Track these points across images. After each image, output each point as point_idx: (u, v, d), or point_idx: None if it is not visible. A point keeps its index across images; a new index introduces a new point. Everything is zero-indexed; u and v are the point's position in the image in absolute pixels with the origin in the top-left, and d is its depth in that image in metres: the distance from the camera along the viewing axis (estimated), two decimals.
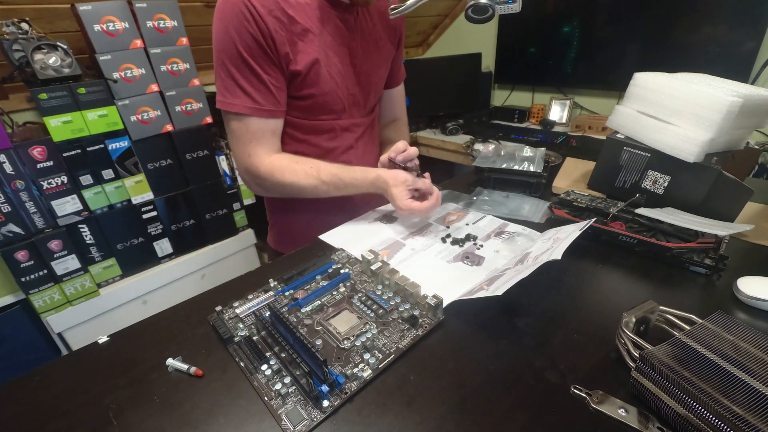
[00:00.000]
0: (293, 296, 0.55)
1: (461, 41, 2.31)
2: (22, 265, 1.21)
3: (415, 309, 0.52)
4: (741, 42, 1.42)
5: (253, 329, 0.50)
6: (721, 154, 0.69)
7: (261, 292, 0.57)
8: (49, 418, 0.41)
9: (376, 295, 0.55)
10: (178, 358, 0.46)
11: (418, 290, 0.53)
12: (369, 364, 0.44)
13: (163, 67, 1.32)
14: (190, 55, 1.36)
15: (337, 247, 0.69)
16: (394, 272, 0.56)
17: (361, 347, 0.47)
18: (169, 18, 1.29)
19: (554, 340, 0.48)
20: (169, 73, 1.34)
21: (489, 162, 0.91)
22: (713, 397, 0.34)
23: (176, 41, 1.33)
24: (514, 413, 0.39)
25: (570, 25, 1.83)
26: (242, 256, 1.74)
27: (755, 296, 0.51)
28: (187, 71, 1.37)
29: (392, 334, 0.48)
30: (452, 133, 1.98)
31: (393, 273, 0.56)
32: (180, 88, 1.37)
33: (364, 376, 0.43)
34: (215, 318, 0.52)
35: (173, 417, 0.40)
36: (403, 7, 0.66)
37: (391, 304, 0.53)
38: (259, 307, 0.54)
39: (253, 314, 0.52)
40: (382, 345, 0.47)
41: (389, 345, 0.47)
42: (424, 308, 0.51)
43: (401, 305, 0.53)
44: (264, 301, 0.55)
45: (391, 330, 0.49)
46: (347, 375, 0.43)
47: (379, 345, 0.47)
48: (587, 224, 0.60)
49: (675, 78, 0.73)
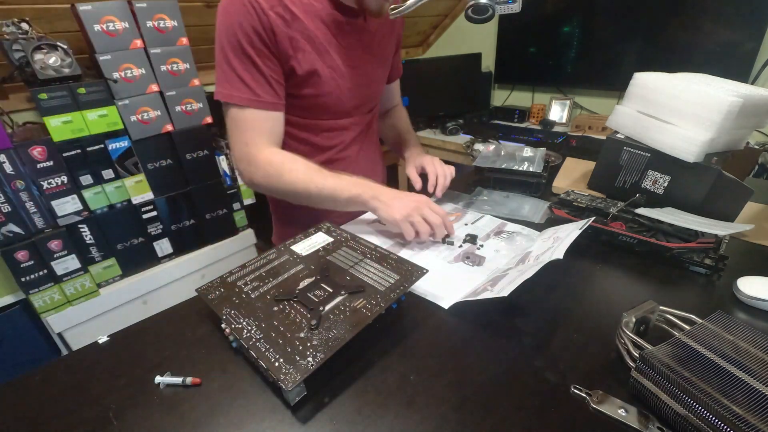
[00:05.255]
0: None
1: (461, 41, 2.31)
2: (22, 265, 1.21)
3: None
4: (741, 42, 1.42)
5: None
6: (721, 154, 0.69)
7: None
8: (49, 418, 0.41)
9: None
10: (167, 374, 0.44)
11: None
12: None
13: (163, 67, 1.32)
14: (190, 55, 1.36)
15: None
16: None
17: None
18: (169, 18, 1.29)
19: (554, 340, 0.48)
20: (168, 73, 1.34)
21: (489, 162, 0.91)
22: (713, 397, 0.34)
23: (176, 41, 1.33)
24: (514, 413, 0.39)
25: (570, 25, 1.83)
26: (242, 256, 1.74)
27: (755, 296, 0.51)
28: (187, 71, 1.37)
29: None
30: (452, 133, 1.97)
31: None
32: (180, 88, 1.37)
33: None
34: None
35: (173, 417, 0.40)
36: (403, 7, 0.66)
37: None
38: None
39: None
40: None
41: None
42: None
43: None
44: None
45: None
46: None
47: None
48: (587, 223, 0.60)
49: (675, 78, 0.73)
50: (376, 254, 0.58)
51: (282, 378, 0.39)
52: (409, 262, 0.56)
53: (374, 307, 0.47)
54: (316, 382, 0.44)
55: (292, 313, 0.47)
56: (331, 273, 0.54)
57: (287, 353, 0.42)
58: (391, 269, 0.54)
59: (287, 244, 0.63)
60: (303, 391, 0.42)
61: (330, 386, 0.43)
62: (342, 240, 0.63)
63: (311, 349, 0.42)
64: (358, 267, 0.55)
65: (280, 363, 0.40)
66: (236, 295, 0.51)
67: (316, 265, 0.56)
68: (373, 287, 0.51)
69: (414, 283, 0.52)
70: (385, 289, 0.50)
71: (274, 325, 0.46)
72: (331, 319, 0.46)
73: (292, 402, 0.41)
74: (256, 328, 0.45)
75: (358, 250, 0.59)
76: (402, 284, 0.51)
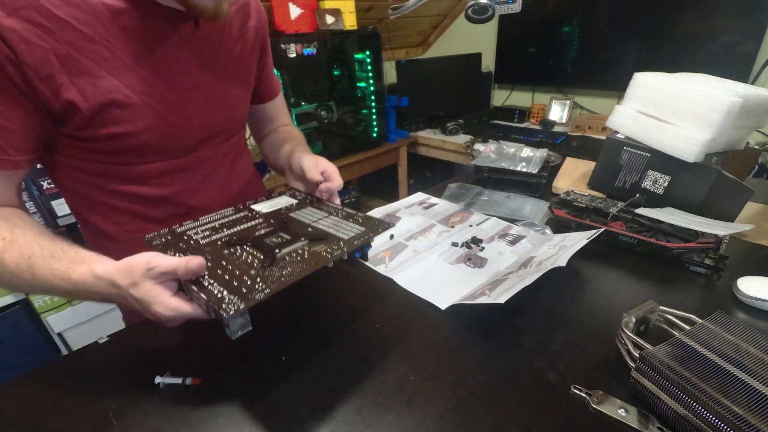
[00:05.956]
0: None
1: (461, 41, 2.31)
2: None
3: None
4: (741, 42, 1.42)
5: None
6: (721, 154, 0.69)
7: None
8: (49, 418, 0.41)
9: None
10: (167, 374, 0.44)
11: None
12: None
13: None
14: None
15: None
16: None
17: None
18: None
19: (554, 340, 0.48)
20: None
21: (489, 162, 0.91)
22: (713, 397, 0.34)
23: None
24: (514, 413, 0.39)
25: (570, 25, 1.83)
26: None
27: (755, 296, 0.51)
28: None
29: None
30: (452, 133, 1.97)
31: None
32: None
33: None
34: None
35: (173, 417, 0.40)
36: (403, 7, 0.67)
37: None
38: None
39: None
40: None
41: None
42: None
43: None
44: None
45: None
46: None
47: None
48: (595, 233, 0.60)
49: (675, 78, 0.73)
50: (342, 213, 0.54)
51: (224, 307, 0.34)
52: (376, 218, 0.51)
53: (335, 251, 0.43)
54: (316, 382, 0.44)
55: (244, 255, 0.43)
56: (292, 226, 0.50)
57: (233, 287, 0.37)
58: (357, 224, 0.50)
59: (247, 204, 0.57)
60: (248, 325, 0.37)
61: (330, 386, 0.43)
62: (307, 201, 0.58)
63: (261, 283, 0.37)
64: (322, 222, 0.51)
65: (224, 294, 0.36)
66: (184, 242, 0.46)
67: (277, 220, 0.51)
68: (336, 236, 0.47)
69: (379, 234, 0.48)
70: (349, 237, 0.46)
71: (222, 264, 0.41)
72: (286, 260, 0.41)
73: (234, 336, 0.36)
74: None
75: (323, 210, 0.55)
76: (367, 234, 0.47)
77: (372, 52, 1.79)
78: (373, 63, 1.81)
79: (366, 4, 1.80)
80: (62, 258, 0.41)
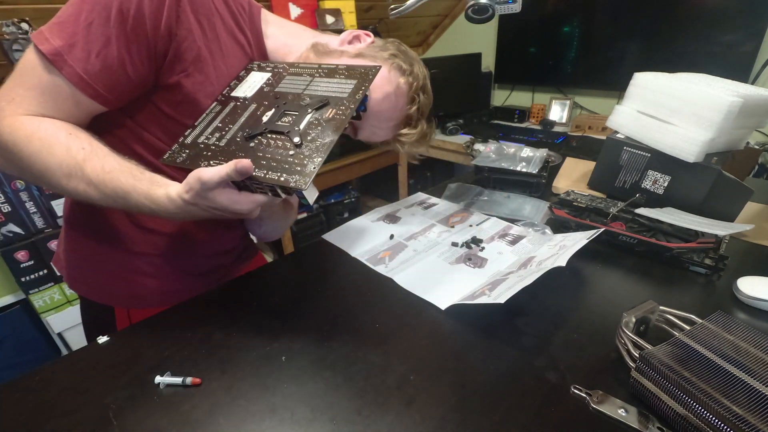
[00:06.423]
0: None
1: (461, 41, 2.30)
2: (22, 265, 1.21)
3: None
4: (741, 42, 1.42)
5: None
6: (721, 154, 0.69)
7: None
8: (49, 418, 0.41)
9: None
10: (167, 374, 0.44)
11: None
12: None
13: None
14: None
15: (338, 246, 0.69)
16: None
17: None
18: None
19: (554, 340, 0.48)
20: None
21: (489, 162, 0.91)
22: (713, 397, 0.34)
23: None
24: (514, 413, 0.39)
25: (570, 25, 1.83)
26: None
27: (755, 296, 0.51)
28: None
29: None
30: (452, 133, 1.97)
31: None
32: None
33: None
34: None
35: (173, 417, 0.40)
36: (403, 7, 0.67)
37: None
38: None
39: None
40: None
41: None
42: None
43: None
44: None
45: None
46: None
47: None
48: (595, 233, 0.60)
49: (675, 78, 0.73)
50: (323, 71, 0.54)
51: (293, 185, 0.40)
52: (358, 65, 0.53)
53: (346, 110, 0.47)
54: (316, 382, 0.44)
55: (271, 142, 0.46)
56: (289, 100, 0.51)
57: (285, 169, 0.42)
58: (344, 77, 0.51)
59: (225, 93, 0.55)
60: (316, 192, 0.43)
61: (330, 386, 0.43)
62: (280, 70, 0.56)
63: (306, 159, 0.42)
64: (312, 87, 0.52)
65: (286, 177, 0.41)
66: (205, 149, 0.47)
67: (269, 99, 0.52)
68: (336, 97, 0.49)
69: (370, 81, 0.50)
70: (348, 94, 0.49)
71: (259, 156, 0.44)
72: (310, 133, 0.45)
73: (312, 202, 0.43)
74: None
75: (303, 74, 0.54)
76: (362, 85, 0.49)
77: None
78: None
79: (366, 4, 1.80)
80: (142, 179, 0.45)
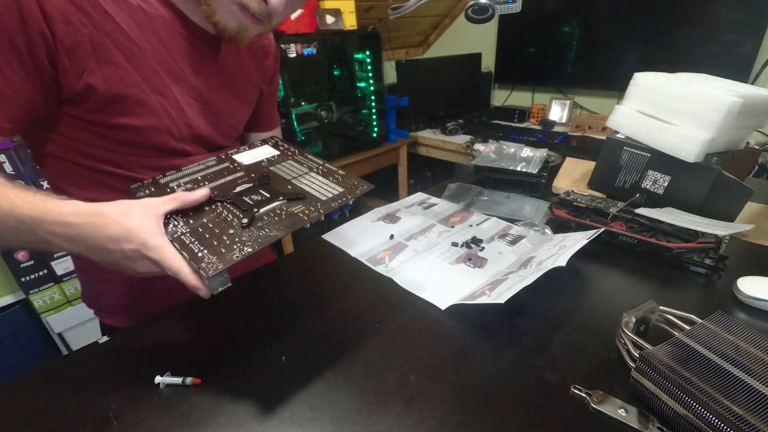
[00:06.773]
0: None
1: (461, 41, 2.31)
2: (22, 265, 1.22)
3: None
4: (741, 42, 1.42)
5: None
6: (721, 154, 0.69)
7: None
8: (49, 418, 0.41)
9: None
10: (167, 374, 0.44)
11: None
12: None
13: None
14: None
15: (339, 247, 0.69)
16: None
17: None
18: None
19: (554, 340, 0.48)
20: None
21: (489, 162, 0.91)
22: (713, 397, 0.34)
23: None
24: (514, 413, 0.39)
25: (570, 25, 1.83)
26: None
27: (755, 296, 0.51)
28: None
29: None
30: (452, 133, 1.97)
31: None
32: None
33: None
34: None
35: (173, 417, 0.40)
36: (403, 7, 0.67)
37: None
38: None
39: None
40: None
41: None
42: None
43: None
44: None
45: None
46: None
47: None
48: (595, 233, 0.60)
49: (675, 78, 0.73)
50: (322, 169, 0.54)
51: (203, 266, 0.37)
52: (355, 177, 0.52)
53: (312, 212, 0.45)
54: (316, 382, 0.44)
55: (224, 212, 0.45)
56: (272, 182, 0.51)
57: (213, 246, 0.40)
58: (336, 183, 0.51)
59: (229, 153, 0.58)
60: (227, 282, 0.40)
61: (330, 386, 0.43)
62: (289, 154, 0.58)
63: (239, 244, 0.40)
64: (302, 179, 0.52)
65: (204, 254, 0.39)
66: (167, 194, 0.47)
67: (257, 174, 0.53)
68: (314, 196, 0.48)
69: (357, 196, 0.49)
70: (327, 199, 0.47)
71: (203, 222, 0.44)
72: (264, 220, 0.44)
73: (214, 292, 0.39)
74: (183, 224, 0.43)
75: (304, 165, 0.55)
76: (345, 195, 0.48)
77: (372, 52, 1.79)
78: (373, 63, 1.81)
79: (366, 4, 1.80)
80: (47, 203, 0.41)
